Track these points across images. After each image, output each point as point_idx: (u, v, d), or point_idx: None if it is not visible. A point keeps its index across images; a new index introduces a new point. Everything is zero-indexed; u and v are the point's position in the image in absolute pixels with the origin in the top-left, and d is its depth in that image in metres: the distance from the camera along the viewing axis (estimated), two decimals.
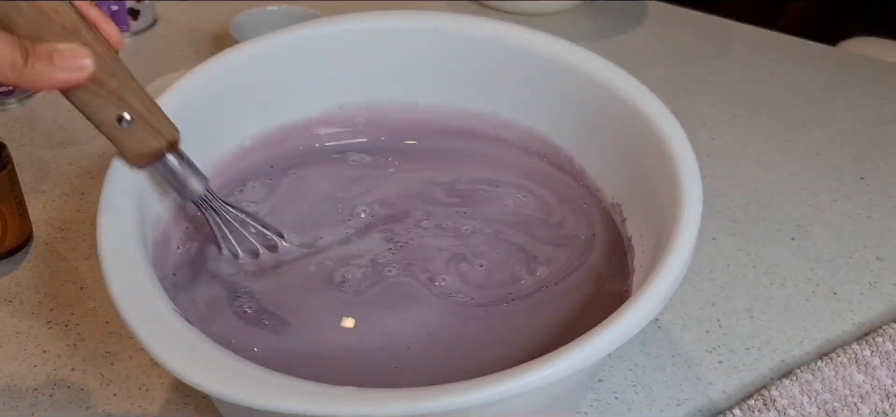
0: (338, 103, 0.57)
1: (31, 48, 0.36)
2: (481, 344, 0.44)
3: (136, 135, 0.41)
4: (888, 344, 0.51)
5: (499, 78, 0.55)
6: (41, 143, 0.68)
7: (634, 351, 0.51)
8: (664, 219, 0.42)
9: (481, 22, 0.55)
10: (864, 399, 0.48)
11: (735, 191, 0.66)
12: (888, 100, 0.80)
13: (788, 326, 0.54)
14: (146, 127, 0.41)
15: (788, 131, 0.74)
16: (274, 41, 0.52)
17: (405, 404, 0.32)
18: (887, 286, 0.58)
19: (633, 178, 0.49)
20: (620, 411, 0.48)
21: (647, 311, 0.36)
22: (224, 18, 0.86)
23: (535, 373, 0.33)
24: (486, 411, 0.35)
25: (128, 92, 0.40)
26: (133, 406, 0.47)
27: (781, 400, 0.47)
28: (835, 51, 0.90)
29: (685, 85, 0.80)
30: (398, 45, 0.55)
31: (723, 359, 0.51)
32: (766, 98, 0.79)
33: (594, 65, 0.51)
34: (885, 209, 0.65)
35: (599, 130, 0.52)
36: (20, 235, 0.56)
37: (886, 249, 0.61)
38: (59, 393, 0.47)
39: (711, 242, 0.61)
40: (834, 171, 0.69)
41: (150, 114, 0.41)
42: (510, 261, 0.49)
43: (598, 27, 0.91)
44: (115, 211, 0.41)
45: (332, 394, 0.33)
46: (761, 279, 0.58)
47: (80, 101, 0.39)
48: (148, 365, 0.49)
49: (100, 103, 0.39)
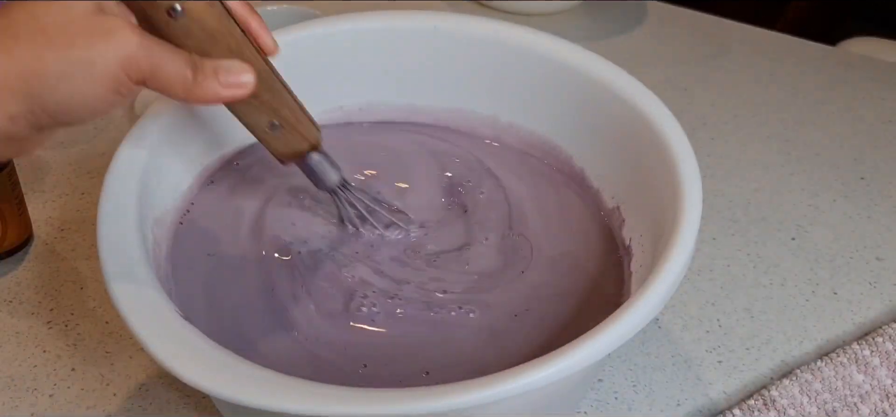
0: (338, 104, 0.57)
1: (199, 63, 0.36)
2: (481, 345, 0.44)
3: (284, 139, 0.45)
4: (888, 344, 0.51)
5: (498, 78, 0.55)
6: None
7: (634, 351, 0.51)
8: (664, 220, 0.43)
9: (481, 22, 0.55)
10: (864, 399, 0.48)
11: (735, 191, 0.66)
12: (888, 101, 0.80)
13: (788, 326, 0.54)
14: (293, 132, 0.45)
15: (788, 131, 0.74)
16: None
17: (405, 404, 0.32)
18: (887, 286, 0.58)
19: (632, 179, 0.49)
20: (620, 411, 0.48)
21: (648, 311, 0.36)
22: None
23: (535, 373, 0.33)
24: (486, 411, 0.35)
25: (280, 102, 0.43)
26: (133, 406, 0.47)
27: (781, 400, 0.47)
28: (835, 51, 0.90)
29: (685, 85, 0.80)
30: (398, 45, 0.55)
31: (723, 359, 0.51)
32: (766, 98, 0.79)
33: (594, 65, 0.51)
34: (885, 209, 0.65)
35: (599, 131, 0.52)
36: (20, 235, 0.56)
37: (886, 249, 0.61)
38: (59, 393, 0.47)
39: (711, 242, 0.61)
40: (834, 171, 0.69)
41: (297, 121, 0.45)
42: (510, 262, 0.49)
43: (598, 27, 0.91)
44: (115, 211, 0.41)
45: (333, 394, 0.33)
46: (761, 279, 0.58)
47: (238, 111, 0.43)
48: (148, 365, 0.49)
49: (254, 112, 0.43)
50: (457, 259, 0.49)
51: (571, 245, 0.50)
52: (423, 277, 0.47)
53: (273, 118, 0.43)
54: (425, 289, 0.47)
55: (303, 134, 0.45)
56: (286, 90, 0.44)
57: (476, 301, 0.46)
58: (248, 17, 0.42)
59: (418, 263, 0.48)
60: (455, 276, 0.48)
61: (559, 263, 0.49)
